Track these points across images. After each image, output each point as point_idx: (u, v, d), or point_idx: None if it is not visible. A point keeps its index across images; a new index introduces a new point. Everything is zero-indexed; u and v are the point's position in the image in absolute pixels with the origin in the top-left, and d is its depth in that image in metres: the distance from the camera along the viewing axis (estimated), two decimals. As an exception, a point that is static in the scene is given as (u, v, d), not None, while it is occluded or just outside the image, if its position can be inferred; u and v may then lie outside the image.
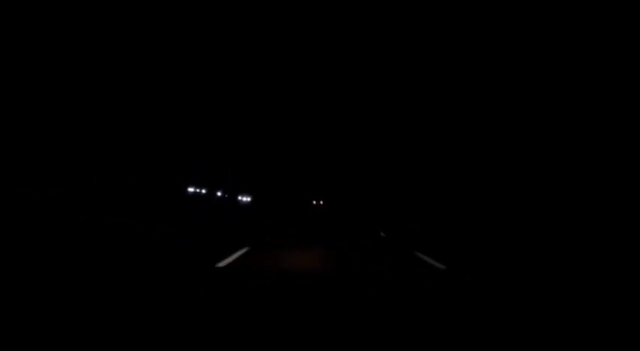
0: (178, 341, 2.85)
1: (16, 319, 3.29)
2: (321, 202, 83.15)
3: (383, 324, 3.43)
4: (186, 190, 35.43)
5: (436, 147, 31.57)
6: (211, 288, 4.77)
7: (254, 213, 28.79)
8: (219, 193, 43.12)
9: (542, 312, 3.97)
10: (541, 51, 19.12)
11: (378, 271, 6.36)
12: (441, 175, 30.20)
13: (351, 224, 20.16)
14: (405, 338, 3.10)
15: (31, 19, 16.10)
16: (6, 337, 2.81)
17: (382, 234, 13.79)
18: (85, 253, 6.95)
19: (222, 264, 6.29)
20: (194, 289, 4.64)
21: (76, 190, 16.89)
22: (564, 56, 18.04)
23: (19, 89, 15.99)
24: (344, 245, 10.08)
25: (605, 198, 14.43)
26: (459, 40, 25.90)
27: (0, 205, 12.41)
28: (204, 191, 39.28)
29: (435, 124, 31.56)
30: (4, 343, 2.70)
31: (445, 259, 7.41)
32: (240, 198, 51.65)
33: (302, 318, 3.54)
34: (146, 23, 22.68)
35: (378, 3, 30.06)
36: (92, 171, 19.49)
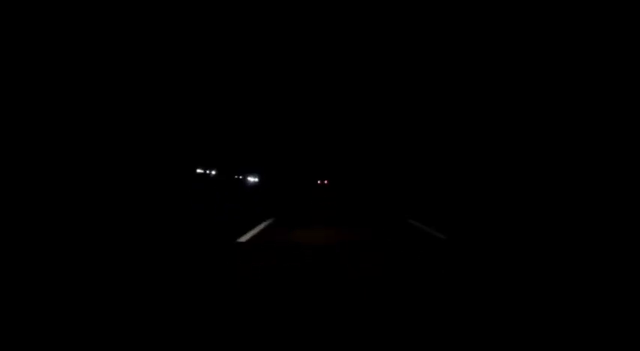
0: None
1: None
2: (326, 182, 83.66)
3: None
4: (195, 171, 35.93)
5: (440, 136, 31.46)
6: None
7: (266, 193, 29.38)
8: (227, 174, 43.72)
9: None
10: (541, 51, 19.15)
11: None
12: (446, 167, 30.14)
13: (358, 207, 18.01)
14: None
15: (30, 19, 16.05)
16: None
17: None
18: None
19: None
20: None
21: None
22: (564, 56, 18.09)
23: (19, 89, 15.89)
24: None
25: (604, 197, 14.61)
26: (460, 29, 25.73)
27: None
28: (213, 172, 39.81)
29: (438, 111, 31.51)
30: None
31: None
32: (248, 178, 52.30)
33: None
34: (150, 22, 22.79)
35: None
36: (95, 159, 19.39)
